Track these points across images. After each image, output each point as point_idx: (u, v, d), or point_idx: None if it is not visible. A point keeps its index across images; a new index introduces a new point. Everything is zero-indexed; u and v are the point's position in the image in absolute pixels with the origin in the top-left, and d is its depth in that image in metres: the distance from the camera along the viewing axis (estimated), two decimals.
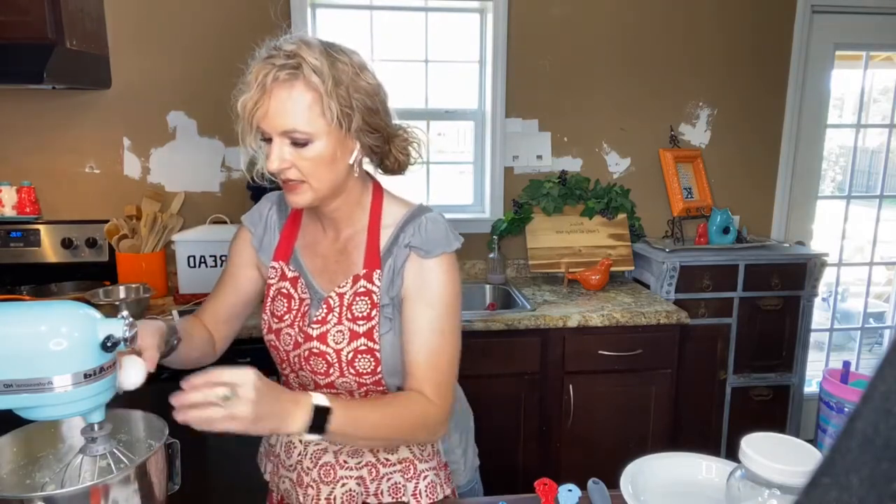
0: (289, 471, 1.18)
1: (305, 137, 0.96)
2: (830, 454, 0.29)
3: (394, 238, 1.09)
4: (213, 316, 1.20)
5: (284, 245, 1.16)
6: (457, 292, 1.08)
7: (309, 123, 0.96)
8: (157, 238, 2.34)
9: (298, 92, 0.95)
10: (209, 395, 0.83)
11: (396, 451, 1.15)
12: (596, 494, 1.08)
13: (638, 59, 2.70)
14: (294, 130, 0.96)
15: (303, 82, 0.94)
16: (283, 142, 0.97)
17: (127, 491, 0.81)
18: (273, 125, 0.96)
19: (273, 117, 0.95)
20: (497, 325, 2.09)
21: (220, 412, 0.82)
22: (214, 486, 2.00)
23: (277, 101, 0.95)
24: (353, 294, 1.08)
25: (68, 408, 0.78)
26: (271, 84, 0.94)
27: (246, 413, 0.83)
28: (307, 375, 1.11)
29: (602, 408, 2.24)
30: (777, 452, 0.83)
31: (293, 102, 0.95)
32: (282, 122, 0.95)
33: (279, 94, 0.95)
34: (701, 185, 2.79)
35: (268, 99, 0.95)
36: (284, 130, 0.96)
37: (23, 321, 0.76)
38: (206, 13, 2.42)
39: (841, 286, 3.22)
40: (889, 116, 3.02)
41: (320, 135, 0.97)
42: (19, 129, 2.40)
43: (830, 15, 2.79)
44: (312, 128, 0.96)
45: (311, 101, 0.95)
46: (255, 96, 0.95)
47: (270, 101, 0.95)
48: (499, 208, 2.72)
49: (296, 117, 0.95)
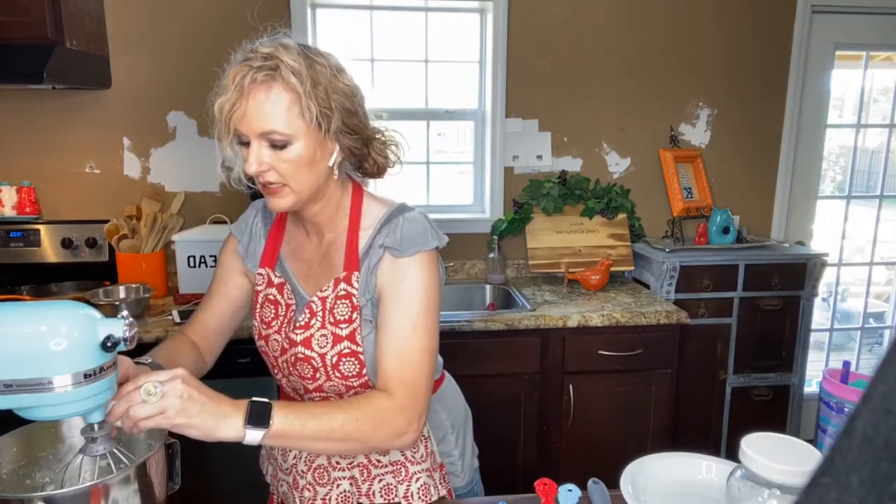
0: (286, 474, 1.18)
1: (284, 139, 0.95)
2: (830, 454, 0.29)
3: (371, 239, 1.08)
4: (202, 328, 1.19)
5: (270, 251, 1.16)
6: (433, 290, 1.04)
7: (288, 124, 0.94)
8: (157, 238, 2.34)
9: (277, 93, 0.94)
10: (133, 396, 0.82)
11: (388, 454, 1.14)
12: (596, 494, 1.07)
13: (638, 58, 2.70)
14: (273, 132, 0.94)
15: (281, 83, 0.93)
16: (262, 144, 0.96)
17: (127, 491, 0.81)
18: (251, 127, 0.95)
19: (251, 119, 0.94)
20: (497, 325, 2.09)
21: (148, 408, 0.82)
22: (214, 486, 2.00)
23: (255, 103, 0.93)
24: (334, 297, 1.07)
25: (68, 408, 0.78)
26: (249, 85, 0.93)
27: (174, 406, 0.83)
28: (296, 380, 1.11)
29: (602, 408, 2.24)
30: (777, 452, 0.82)
31: (272, 104, 0.93)
32: (260, 124, 0.94)
33: (257, 95, 0.93)
34: (701, 185, 2.79)
35: (245, 101, 0.94)
36: (263, 132, 0.95)
37: (23, 321, 0.76)
38: (207, 13, 2.42)
39: (841, 286, 3.22)
40: (889, 116, 3.02)
41: (299, 136, 0.96)
42: (19, 129, 2.40)
43: (830, 15, 2.79)
44: (291, 129, 0.95)
45: (290, 102, 0.94)
46: (233, 98, 0.94)
47: (248, 103, 0.93)
48: (499, 208, 2.72)
49: (274, 119, 0.94)
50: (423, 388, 1.01)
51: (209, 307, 1.20)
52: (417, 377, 1.01)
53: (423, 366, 1.01)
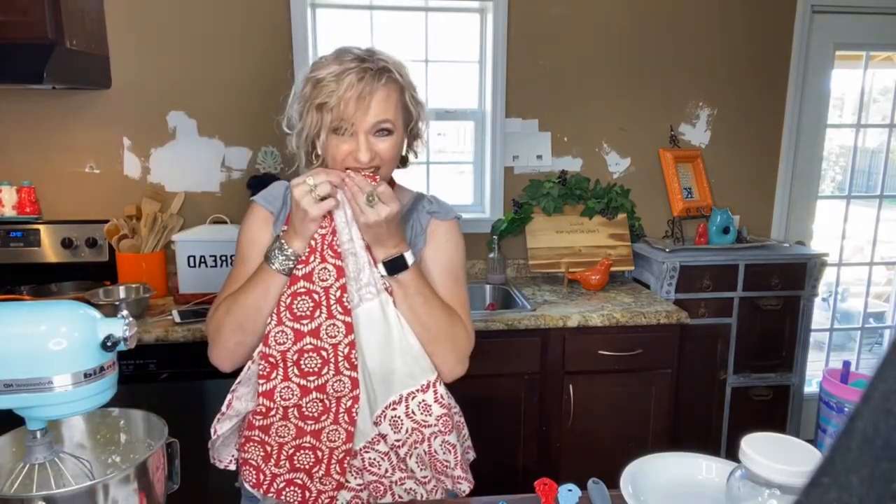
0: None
1: (392, 126, 1.10)
2: (830, 454, 0.29)
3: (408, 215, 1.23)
4: None
5: None
6: (463, 249, 1.27)
7: (396, 115, 1.10)
8: (157, 238, 2.34)
9: (390, 90, 1.09)
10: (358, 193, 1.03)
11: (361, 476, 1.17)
12: (596, 494, 1.07)
13: (638, 58, 2.70)
14: (386, 121, 1.09)
15: (393, 81, 1.10)
16: (369, 134, 1.09)
17: (127, 490, 0.81)
18: (367, 118, 1.07)
19: (373, 110, 1.07)
20: (497, 325, 2.09)
21: (366, 209, 1.03)
22: (214, 486, 2.00)
23: (376, 99, 1.07)
24: None
25: (68, 407, 0.78)
26: (369, 83, 1.06)
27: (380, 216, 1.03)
28: None
29: (602, 408, 2.24)
30: (777, 452, 0.82)
31: (388, 98, 1.09)
32: (376, 114, 1.07)
33: (378, 92, 1.07)
34: (701, 185, 2.79)
35: (367, 98, 1.06)
36: (378, 121, 1.08)
37: (23, 321, 0.76)
38: (206, 13, 2.42)
39: (841, 286, 3.22)
40: (889, 116, 3.02)
41: (399, 126, 1.12)
42: (19, 129, 2.40)
43: (830, 15, 2.79)
44: (398, 119, 1.11)
45: (398, 97, 1.11)
46: (356, 94, 1.05)
47: (371, 100, 1.07)
48: (499, 208, 2.72)
49: (388, 111, 1.09)
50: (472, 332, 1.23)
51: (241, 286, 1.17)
52: (469, 316, 1.23)
53: (468, 310, 1.24)
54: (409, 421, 1.15)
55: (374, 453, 1.16)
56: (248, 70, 2.47)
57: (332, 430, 1.12)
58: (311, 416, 1.12)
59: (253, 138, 2.52)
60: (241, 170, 2.52)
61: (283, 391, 1.10)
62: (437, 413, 1.16)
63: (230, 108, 2.49)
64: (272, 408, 1.10)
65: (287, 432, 1.12)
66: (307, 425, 1.12)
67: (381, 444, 1.16)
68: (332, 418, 1.12)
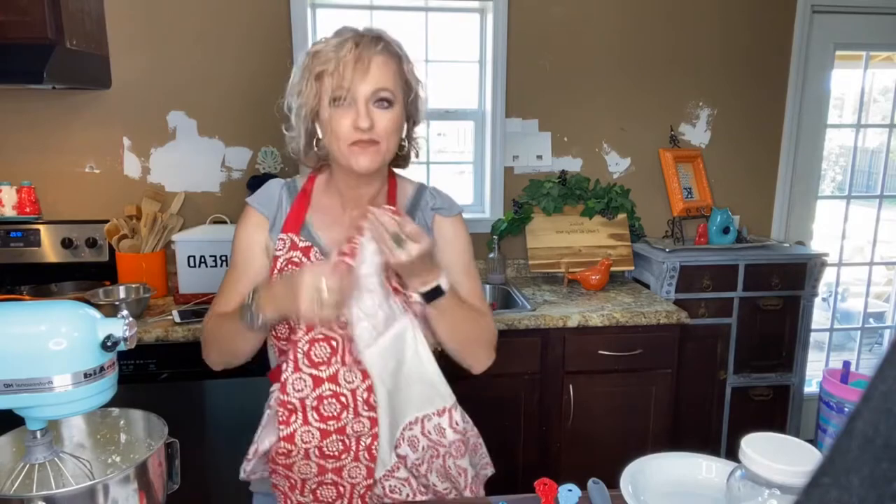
0: None
1: (392, 97, 1.08)
2: (830, 454, 0.29)
3: (409, 208, 1.22)
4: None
5: (294, 219, 1.16)
6: (470, 241, 1.29)
7: (395, 85, 1.08)
8: (157, 238, 2.34)
9: (388, 57, 1.08)
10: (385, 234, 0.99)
11: None
12: (596, 494, 1.07)
13: (638, 58, 2.70)
14: (385, 88, 1.07)
15: (391, 51, 1.09)
16: (369, 103, 1.07)
17: (127, 490, 0.81)
18: (370, 83, 1.05)
19: (372, 75, 1.05)
20: (497, 324, 2.07)
21: (393, 246, 1.00)
22: (214, 486, 2.00)
23: (375, 64, 1.06)
24: None
25: (68, 407, 0.78)
26: (366, 47, 1.06)
27: (405, 258, 1.00)
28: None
29: (602, 408, 2.24)
30: (777, 452, 0.82)
31: (385, 64, 1.07)
32: (375, 82, 1.06)
33: (376, 57, 1.06)
34: (701, 185, 2.79)
35: (366, 60, 1.05)
36: (377, 88, 1.06)
37: (23, 321, 0.76)
38: (206, 13, 2.42)
39: (841, 286, 3.22)
40: (889, 116, 3.02)
41: (398, 99, 1.09)
42: (19, 129, 2.40)
43: (830, 15, 2.79)
44: (398, 90, 1.09)
45: (397, 67, 1.09)
46: (354, 58, 1.04)
47: (370, 64, 1.05)
48: (499, 208, 2.72)
49: (387, 78, 1.07)
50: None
51: (235, 292, 1.16)
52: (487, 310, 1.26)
53: (484, 299, 1.27)
54: (425, 439, 1.15)
55: (394, 481, 1.16)
56: (248, 70, 2.47)
57: (353, 468, 1.13)
58: (331, 454, 1.12)
59: (253, 138, 2.52)
60: (241, 170, 2.52)
61: (304, 434, 1.10)
62: (450, 438, 1.16)
63: (230, 108, 2.49)
64: (293, 450, 1.11)
65: (309, 470, 1.13)
66: (328, 463, 1.12)
67: (400, 471, 1.16)
68: (352, 456, 1.12)
